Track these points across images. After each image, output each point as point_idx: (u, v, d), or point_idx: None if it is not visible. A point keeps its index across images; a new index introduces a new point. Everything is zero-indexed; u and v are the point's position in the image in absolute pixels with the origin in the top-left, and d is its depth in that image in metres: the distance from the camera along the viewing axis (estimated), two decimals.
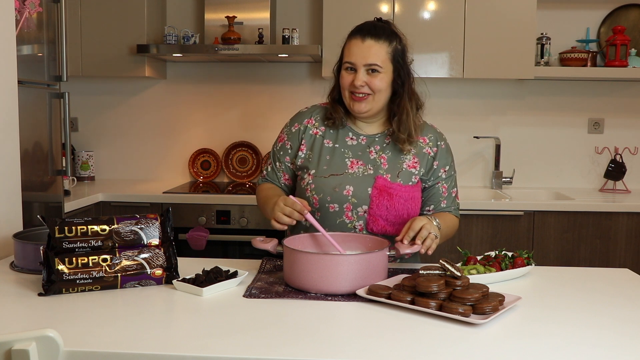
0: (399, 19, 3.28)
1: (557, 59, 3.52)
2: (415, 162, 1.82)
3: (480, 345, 1.18)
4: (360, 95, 1.75)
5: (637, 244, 3.06)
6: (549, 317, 1.35)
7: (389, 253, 1.58)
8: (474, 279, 1.55)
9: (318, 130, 1.86)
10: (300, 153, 1.86)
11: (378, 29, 1.76)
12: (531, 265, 1.69)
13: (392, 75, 1.77)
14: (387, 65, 1.74)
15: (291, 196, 1.64)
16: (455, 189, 1.91)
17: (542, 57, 3.48)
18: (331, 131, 1.86)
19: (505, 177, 3.61)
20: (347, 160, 1.81)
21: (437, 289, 1.36)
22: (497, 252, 1.73)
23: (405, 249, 1.59)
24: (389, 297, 1.40)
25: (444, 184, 1.85)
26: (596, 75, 3.42)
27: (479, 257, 1.72)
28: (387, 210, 1.77)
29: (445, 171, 1.85)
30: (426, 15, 3.29)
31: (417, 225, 1.60)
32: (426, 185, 1.85)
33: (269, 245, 1.62)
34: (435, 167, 1.84)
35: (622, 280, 1.68)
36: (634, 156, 3.59)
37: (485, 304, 1.32)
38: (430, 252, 1.62)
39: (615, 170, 3.46)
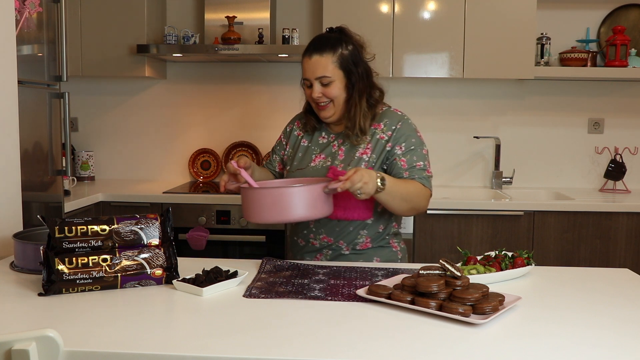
0: (399, 19, 3.28)
1: (557, 59, 3.52)
2: (368, 149, 1.94)
3: (480, 345, 1.18)
4: (322, 103, 1.93)
5: (637, 244, 3.06)
6: (549, 317, 1.35)
7: (323, 186, 1.68)
8: (474, 279, 1.55)
9: (301, 132, 2.10)
10: (286, 150, 2.12)
11: (323, 41, 1.93)
12: (531, 265, 1.69)
13: (345, 80, 1.91)
14: (336, 72, 1.90)
15: (232, 162, 1.87)
16: (422, 162, 1.92)
17: (542, 57, 3.47)
18: (309, 132, 2.07)
19: (505, 177, 3.61)
20: (313, 155, 2.02)
21: (437, 289, 1.36)
22: (497, 252, 1.73)
23: (333, 185, 1.67)
24: (389, 297, 1.41)
25: (402, 158, 1.91)
26: (596, 75, 3.42)
27: (479, 257, 1.72)
28: (339, 195, 1.82)
29: (401, 147, 1.92)
30: (426, 15, 3.29)
31: (352, 170, 1.70)
32: (386, 165, 1.94)
33: (234, 186, 1.87)
34: (389, 148, 1.93)
35: (622, 280, 1.68)
36: (634, 156, 3.59)
37: (485, 304, 1.32)
38: (353, 189, 1.68)
39: (615, 170, 3.46)
